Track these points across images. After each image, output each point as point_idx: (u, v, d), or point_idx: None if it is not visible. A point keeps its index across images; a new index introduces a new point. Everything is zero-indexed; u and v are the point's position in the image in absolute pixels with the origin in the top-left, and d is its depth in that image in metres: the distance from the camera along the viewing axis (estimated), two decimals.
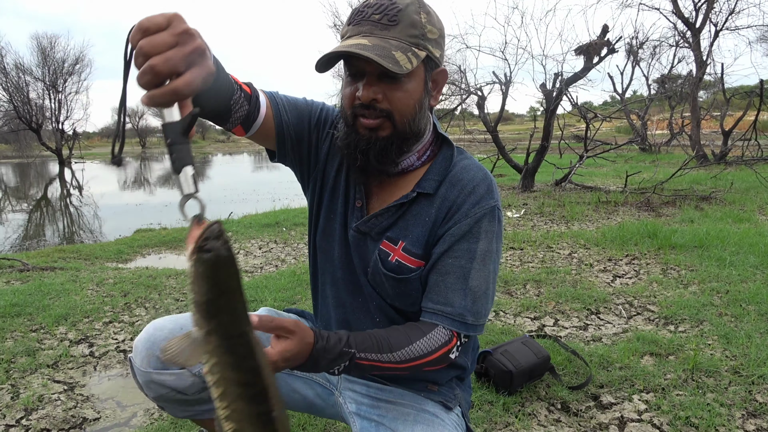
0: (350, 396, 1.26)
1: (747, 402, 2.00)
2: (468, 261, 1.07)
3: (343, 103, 1.05)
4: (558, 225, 5.80)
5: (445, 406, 1.20)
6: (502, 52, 8.90)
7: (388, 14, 0.97)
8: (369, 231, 1.13)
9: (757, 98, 10.58)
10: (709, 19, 13.90)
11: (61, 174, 22.43)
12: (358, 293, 1.19)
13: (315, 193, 1.22)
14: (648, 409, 1.99)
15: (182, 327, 1.18)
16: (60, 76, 27.88)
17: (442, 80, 1.09)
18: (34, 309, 3.16)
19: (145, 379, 1.16)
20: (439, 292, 1.07)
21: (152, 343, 1.16)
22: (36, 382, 2.33)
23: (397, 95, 1.00)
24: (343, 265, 1.19)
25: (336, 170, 1.18)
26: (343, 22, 1.05)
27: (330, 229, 1.20)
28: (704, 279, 3.48)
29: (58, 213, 10.88)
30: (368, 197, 1.16)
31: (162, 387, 1.16)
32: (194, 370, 1.15)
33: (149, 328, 1.20)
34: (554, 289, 3.40)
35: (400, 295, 1.13)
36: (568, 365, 2.33)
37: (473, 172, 1.11)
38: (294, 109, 1.14)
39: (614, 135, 17.98)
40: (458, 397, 1.25)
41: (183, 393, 1.17)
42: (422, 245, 1.10)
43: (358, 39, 0.96)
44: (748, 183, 7.97)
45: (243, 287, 0.69)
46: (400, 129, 1.03)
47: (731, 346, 2.46)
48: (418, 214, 1.11)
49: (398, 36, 0.97)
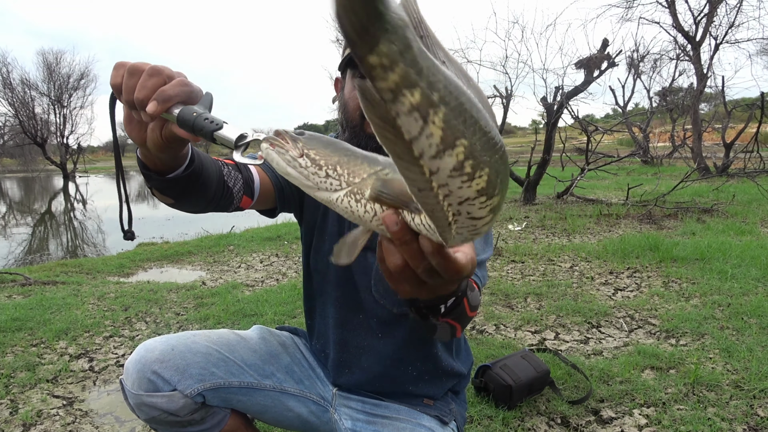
0: (346, 413, 1.26)
1: (748, 416, 1.99)
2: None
3: (349, 107, 1.06)
4: (559, 238, 5.80)
5: (441, 421, 1.20)
6: (503, 66, 8.98)
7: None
8: (370, 244, 1.14)
9: (758, 111, 10.61)
10: (709, 32, 13.99)
11: (65, 188, 22.55)
12: (358, 310, 1.20)
13: (307, 214, 1.24)
14: (649, 423, 1.97)
15: (173, 348, 1.18)
16: (65, 91, 28.17)
17: None
18: (35, 323, 3.16)
19: (137, 402, 1.16)
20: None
21: (143, 365, 1.16)
22: (35, 397, 2.33)
23: None
24: (341, 283, 1.20)
25: None
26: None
27: (322, 248, 1.22)
28: (706, 292, 3.46)
29: (62, 227, 10.92)
30: None
31: (153, 409, 1.15)
32: (186, 391, 1.15)
33: (140, 350, 1.19)
34: (555, 303, 3.39)
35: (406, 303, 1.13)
36: (568, 379, 2.31)
37: None
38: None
39: (616, 147, 18.00)
40: (453, 412, 1.25)
41: (175, 414, 1.16)
42: None
43: None
44: (750, 195, 7.95)
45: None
46: None
47: (733, 359, 2.45)
48: None
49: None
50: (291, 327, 1.42)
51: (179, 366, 1.16)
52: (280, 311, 3.30)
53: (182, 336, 1.22)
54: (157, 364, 1.15)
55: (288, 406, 1.27)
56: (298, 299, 3.54)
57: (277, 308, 3.35)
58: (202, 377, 1.17)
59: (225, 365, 1.21)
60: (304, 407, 1.28)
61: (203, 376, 1.17)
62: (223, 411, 1.24)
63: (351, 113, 1.07)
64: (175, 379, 1.15)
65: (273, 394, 1.25)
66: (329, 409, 1.30)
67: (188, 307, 3.57)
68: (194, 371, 1.17)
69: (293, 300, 3.54)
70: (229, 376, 1.20)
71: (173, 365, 1.15)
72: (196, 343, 1.21)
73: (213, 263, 5.21)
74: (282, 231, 6.53)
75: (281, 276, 4.54)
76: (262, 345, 1.30)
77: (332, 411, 1.29)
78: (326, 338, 1.26)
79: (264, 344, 1.30)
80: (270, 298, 3.59)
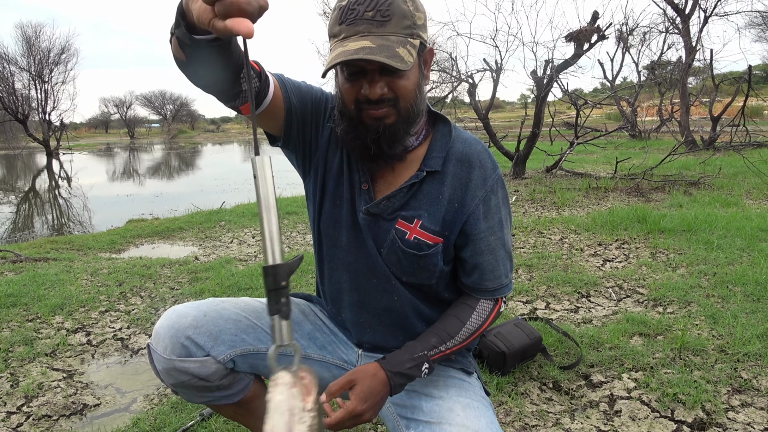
0: None
1: (732, 379, 2.07)
2: (500, 230, 1.18)
3: (345, 99, 1.06)
4: (549, 211, 5.86)
5: (466, 372, 1.25)
6: (493, 39, 8.92)
7: (380, 10, 0.98)
8: (381, 212, 1.16)
9: (745, 84, 10.66)
10: (699, 5, 13.96)
11: (49, 165, 22.19)
12: (372, 275, 1.21)
13: (317, 180, 1.22)
14: (637, 387, 2.05)
15: (205, 314, 1.20)
16: (46, 66, 27.49)
17: (430, 58, 1.13)
18: (29, 299, 3.17)
19: (167, 366, 1.17)
20: (492, 269, 1.19)
21: (177, 330, 1.17)
22: (35, 370, 2.35)
23: (401, 84, 1.04)
24: (353, 249, 1.21)
25: (339, 157, 1.20)
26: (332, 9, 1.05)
27: (336, 215, 1.21)
28: (692, 262, 3.54)
29: (48, 204, 10.79)
30: (373, 179, 1.18)
31: (184, 374, 1.17)
32: (219, 357, 1.18)
33: (171, 315, 1.20)
34: (546, 274, 3.46)
35: (418, 270, 1.17)
36: (559, 346, 2.38)
37: (474, 146, 1.18)
38: (299, 93, 1.15)
39: (604, 122, 18.03)
40: (472, 364, 1.30)
41: (205, 380, 1.18)
42: (439, 222, 1.14)
43: (359, 41, 0.98)
44: (736, 168, 8.06)
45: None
46: (404, 114, 1.07)
47: (718, 326, 2.53)
48: (429, 192, 1.15)
49: (394, 30, 0.99)
50: (304, 294, 1.42)
51: (212, 332, 1.18)
52: None
53: (211, 302, 1.24)
54: (191, 329, 1.17)
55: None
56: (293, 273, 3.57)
57: None
58: (234, 343, 1.19)
59: (254, 332, 1.23)
60: (327, 372, 1.30)
61: (234, 342, 1.20)
62: (248, 377, 1.28)
63: (347, 105, 1.08)
64: (208, 345, 1.17)
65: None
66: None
67: (182, 281, 3.59)
68: (226, 337, 1.19)
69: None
70: (258, 342, 1.23)
71: (206, 331, 1.17)
72: (225, 310, 1.23)
73: (205, 239, 5.21)
74: None
75: None
76: None
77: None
78: (341, 302, 1.28)
79: None
80: None
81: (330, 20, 1.05)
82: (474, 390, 1.21)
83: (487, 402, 1.19)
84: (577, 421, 1.86)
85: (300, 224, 5.66)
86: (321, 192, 1.23)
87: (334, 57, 0.98)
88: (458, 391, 1.18)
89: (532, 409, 1.94)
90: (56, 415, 2.01)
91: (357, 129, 1.07)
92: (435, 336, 1.14)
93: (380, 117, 1.05)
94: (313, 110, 1.18)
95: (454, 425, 1.07)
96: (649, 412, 1.89)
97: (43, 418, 1.99)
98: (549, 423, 1.85)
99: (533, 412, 1.91)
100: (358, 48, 0.97)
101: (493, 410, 1.19)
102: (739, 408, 1.89)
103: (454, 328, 1.16)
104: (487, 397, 1.23)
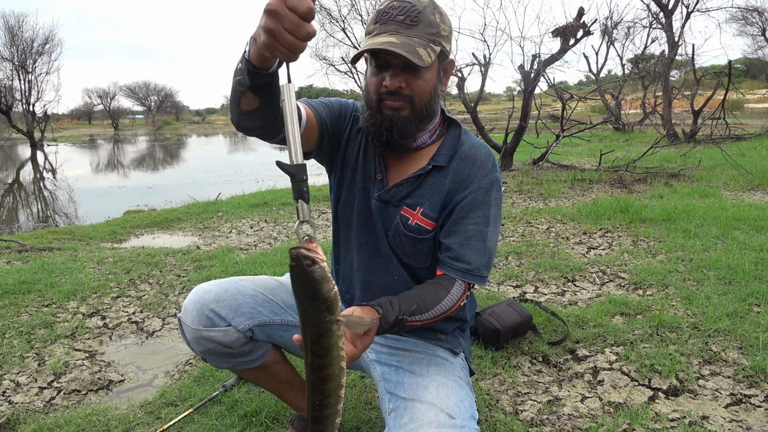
0: (373, 347, 1.47)
1: (704, 351, 2.28)
2: (485, 226, 1.29)
3: (369, 90, 1.24)
4: (536, 202, 6.08)
5: (452, 352, 1.42)
6: (482, 34, 9.09)
7: (410, 15, 1.16)
8: (390, 199, 1.34)
9: (725, 78, 10.97)
10: (681, 1, 14.25)
11: (33, 157, 21.98)
12: (378, 255, 1.39)
13: (338, 173, 1.42)
14: (618, 359, 2.25)
15: (226, 290, 1.38)
16: (29, 56, 27.13)
17: (450, 68, 1.30)
18: (42, 286, 3.30)
19: (195, 336, 1.35)
20: (464, 253, 1.28)
21: (202, 304, 1.35)
22: (58, 350, 2.50)
23: (418, 83, 1.21)
24: (364, 231, 1.39)
25: (357, 152, 1.38)
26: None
27: (350, 201, 1.40)
28: (671, 249, 3.77)
29: (39, 196, 10.79)
30: (387, 171, 1.36)
31: (210, 342, 1.35)
32: (239, 327, 1.35)
33: (197, 291, 1.39)
34: (534, 260, 3.66)
35: (416, 253, 1.35)
36: (548, 324, 2.58)
37: (479, 149, 1.34)
38: (325, 107, 1.35)
39: (589, 115, 18.35)
40: (462, 345, 1.47)
41: (228, 347, 1.37)
42: (438, 210, 1.32)
43: (387, 37, 1.16)
44: (714, 161, 8.34)
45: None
46: (418, 110, 1.24)
47: (692, 306, 2.75)
48: (433, 184, 1.32)
49: (419, 34, 1.17)
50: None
51: (232, 305, 1.36)
52: (279, 272, 3.49)
53: (231, 280, 1.42)
54: (214, 303, 1.35)
55: None
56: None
57: (275, 269, 3.55)
58: (252, 315, 1.38)
59: (269, 305, 1.42)
60: None
61: (252, 314, 1.38)
62: (266, 345, 1.46)
63: (370, 95, 1.24)
64: (229, 317, 1.35)
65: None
66: None
67: (188, 269, 3.73)
68: (245, 310, 1.37)
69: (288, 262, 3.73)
70: (273, 314, 1.42)
71: (228, 305, 1.36)
72: (244, 287, 1.41)
73: (204, 229, 5.35)
74: (268, 198, 6.67)
75: (273, 240, 4.72)
76: None
77: None
78: (351, 280, 1.46)
79: None
80: (266, 260, 3.77)
81: (368, 22, 1.23)
82: (454, 370, 1.35)
83: (464, 382, 1.33)
84: (564, 390, 2.06)
85: (296, 215, 5.81)
86: (339, 182, 1.43)
87: (363, 46, 1.17)
88: (438, 369, 1.32)
89: (523, 379, 2.13)
90: (85, 390, 2.17)
91: (375, 117, 1.25)
92: (416, 305, 1.18)
93: (396, 108, 1.22)
94: (340, 116, 1.38)
95: (424, 402, 1.21)
96: (629, 381, 2.09)
97: (73, 392, 2.15)
98: (539, 391, 2.05)
99: (525, 382, 2.11)
100: (384, 41, 1.14)
101: (468, 389, 1.33)
102: (708, 377, 2.10)
103: (432, 302, 1.22)
104: (466, 377, 1.38)
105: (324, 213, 5.91)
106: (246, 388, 2.03)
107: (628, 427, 1.79)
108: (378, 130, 1.25)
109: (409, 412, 1.20)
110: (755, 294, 2.81)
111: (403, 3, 1.18)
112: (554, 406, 1.94)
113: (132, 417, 1.90)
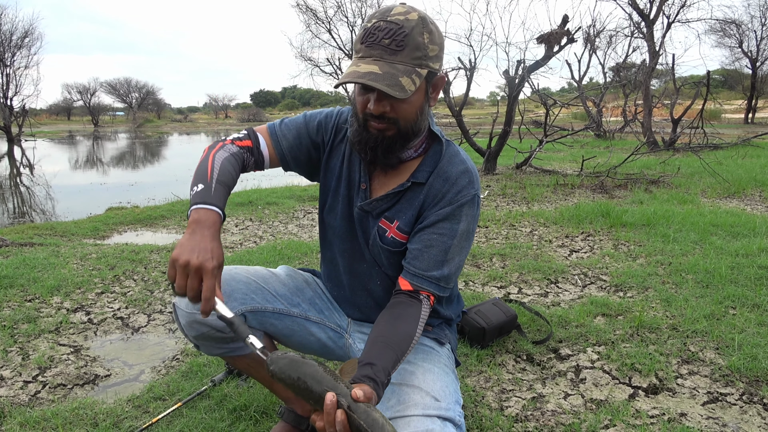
0: (359, 337, 1.51)
1: (682, 351, 2.35)
2: (450, 238, 1.29)
3: (356, 107, 1.26)
4: (519, 205, 6.16)
5: (438, 342, 1.46)
6: (468, 38, 9.19)
7: (396, 39, 1.14)
8: (371, 210, 1.39)
9: (704, 88, 11.24)
10: (663, 11, 14.56)
11: (10, 152, 21.55)
12: (362, 261, 1.45)
13: (321, 181, 1.48)
14: (600, 358, 2.31)
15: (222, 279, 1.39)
16: (8, 49, 26.57)
17: (441, 83, 1.30)
18: (25, 281, 3.26)
19: (190, 319, 1.37)
20: (423, 259, 1.29)
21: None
22: (42, 345, 2.48)
23: (402, 107, 1.21)
24: (348, 237, 1.45)
25: (341, 161, 1.43)
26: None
27: (335, 207, 1.45)
28: (650, 253, 3.86)
29: (16, 192, 10.59)
30: (371, 180, 1.40)
31: (204, 326, 1.37)
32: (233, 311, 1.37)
33: None
34: (518, 262, 3.72)
35: (393, 264, 1.40)
36: (532, 324, 2.63)
37: (457, 165, 1.34)
38: (294, 136, 1.42)
39: (571, 121, 18.58)
40: (447, 337, 1.51)
41: (221, 331, 1.38)
42: (411, 224, 1.35)
43: (371, 64, 1.15)
44: (693, 168, 8.53)
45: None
46: (404, 131, 1.25)
47: (671, 308, 2.82)
48: (410, 199, 1.35)
49: (404, 60, 1.15)
50: (310, 269, 1.66)
51: (226, 291, 1.38)
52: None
53: (226, 268, 1.44)
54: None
55: (311, 331, 1.51)
56: (281, 259, 3.75)
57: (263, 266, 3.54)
58: (244, 301, 1.41)
59: (261, 293, 1.44)
60: (323, 333, 1.53)
61: (245, 300, 1.41)
62: (258, 332, 1.48)
63: (358, 113, 1.26)
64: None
65: (299, 321, 1.49)
66: (344, 335, 1.54)
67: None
68: (238, 296, 1.40)
69: (275, 260, 3.74)
70: (265, 302, 1.44)
71: (221, 290, 1.36)
72: (238, 274, 1.44)
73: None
74: (253, 197, 6.65)
75: (258, 239, 4.72)
76: (290, 280, 1.54)
77: (347, 336, 1.54)
78: (340, 283, 1.52)
79: (291, 280, 1.54)
80: (253, 258, 3.77)
81: (356, 36, 1.23)
82: (440, 358, 1.39)
83: (449, 369, 1.37)
84: (547, 387, 2.10)
85: (281, 214, 5.81)
86: (324, 189, 1.48)
87: (346, 74, 1.17)
88: (424, 356, 1.37)
89: (508, 377, 2.18)
90: (70, 384, 2.16)
91: (362, 134, 1.28)
92: (394, 353, 1.14)
93: (381, 129, 1.24)
94: (311, 137, 1.44)
95: (410, 386, 1.25)
96: (610, 379, 2.15)
97: (58, 386, 2.14)
98: (524, 388, 2.09)
99: (509, 380, 2.15)
100: (366, 72, 1.13)
101: (454, 377, 1.36)
102: (686, 375, 2.17)
103: (405, 344, 1.19)
104: (451, 365, 1.42)
105: (309, 213, 5.91)
106: (235, 383, 2.04)
107: (610, 423, 1.84)
108: (363, 149, 1.28)
109: (396, 395, 1.24)
110: (731, 297, 2.89)
111: (390, 24, 1.14)
112: (538, 402, 1.98)
113: (120, 411, 1.90)
